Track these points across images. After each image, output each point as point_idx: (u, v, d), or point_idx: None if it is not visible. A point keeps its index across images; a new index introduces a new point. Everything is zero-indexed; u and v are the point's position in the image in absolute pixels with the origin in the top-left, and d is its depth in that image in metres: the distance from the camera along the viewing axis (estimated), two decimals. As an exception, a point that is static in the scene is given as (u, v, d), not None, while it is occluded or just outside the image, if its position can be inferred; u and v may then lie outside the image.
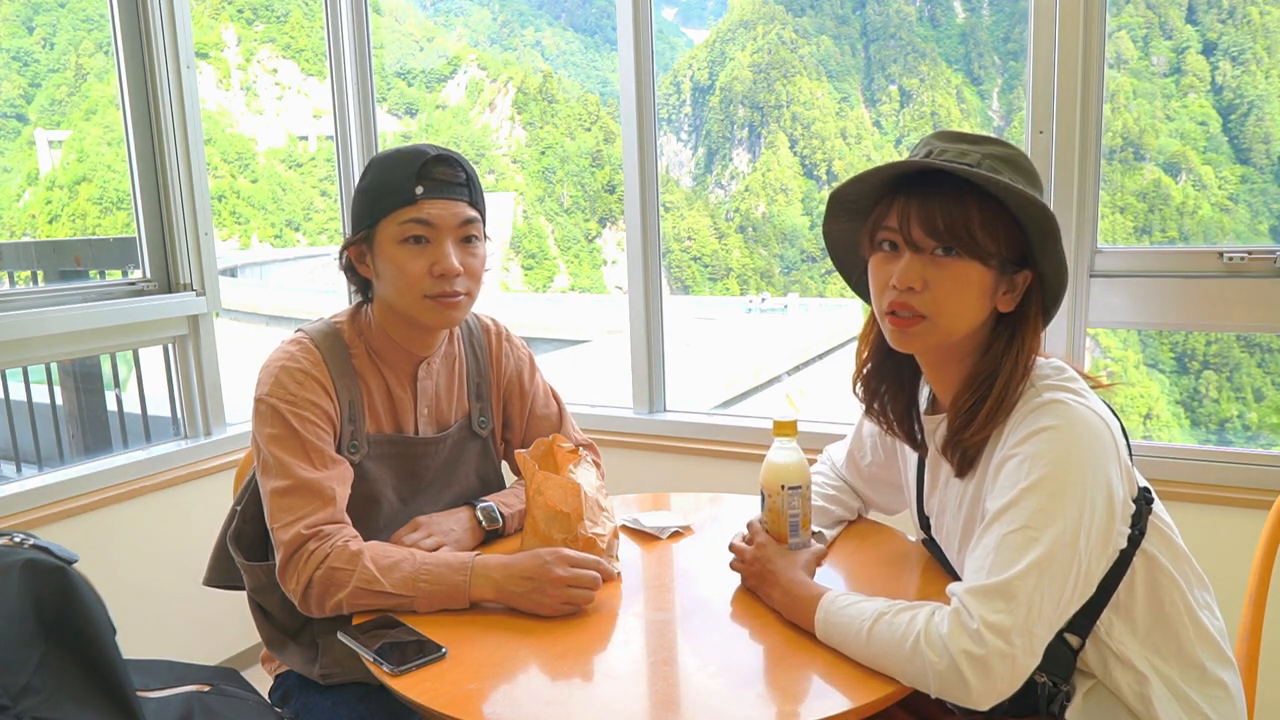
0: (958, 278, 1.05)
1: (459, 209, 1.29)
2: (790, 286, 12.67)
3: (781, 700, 0.97)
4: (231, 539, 1.37)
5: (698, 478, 2.38)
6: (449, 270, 1.27)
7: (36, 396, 3.10)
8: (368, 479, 1.34)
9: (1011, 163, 1.05)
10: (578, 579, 1.16)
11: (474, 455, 1.48)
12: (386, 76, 14.04)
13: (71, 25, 10.08)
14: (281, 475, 1.24)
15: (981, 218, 1.03)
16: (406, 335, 1.36)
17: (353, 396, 1.32)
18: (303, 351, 1.31)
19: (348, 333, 1.36)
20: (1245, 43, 7.73)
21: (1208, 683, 1.06)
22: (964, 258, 1.04)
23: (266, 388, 1.28)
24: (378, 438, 1.35)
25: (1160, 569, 1.05)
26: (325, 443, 1.27)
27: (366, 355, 1.36)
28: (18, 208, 10.30)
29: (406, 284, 1.28)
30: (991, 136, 1.08)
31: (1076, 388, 1.04)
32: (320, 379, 1.29)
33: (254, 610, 1.39)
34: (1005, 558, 0.95)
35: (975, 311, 1.07)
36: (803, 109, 12.40)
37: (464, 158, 1.33)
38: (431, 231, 1.27)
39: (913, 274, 1.06)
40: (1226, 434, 6.86)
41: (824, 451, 1.50)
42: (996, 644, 0.92)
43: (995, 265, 1.06)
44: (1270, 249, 1.78)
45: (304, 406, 1.26)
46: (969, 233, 1.03)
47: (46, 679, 0.93)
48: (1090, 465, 0.98)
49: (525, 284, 13.91)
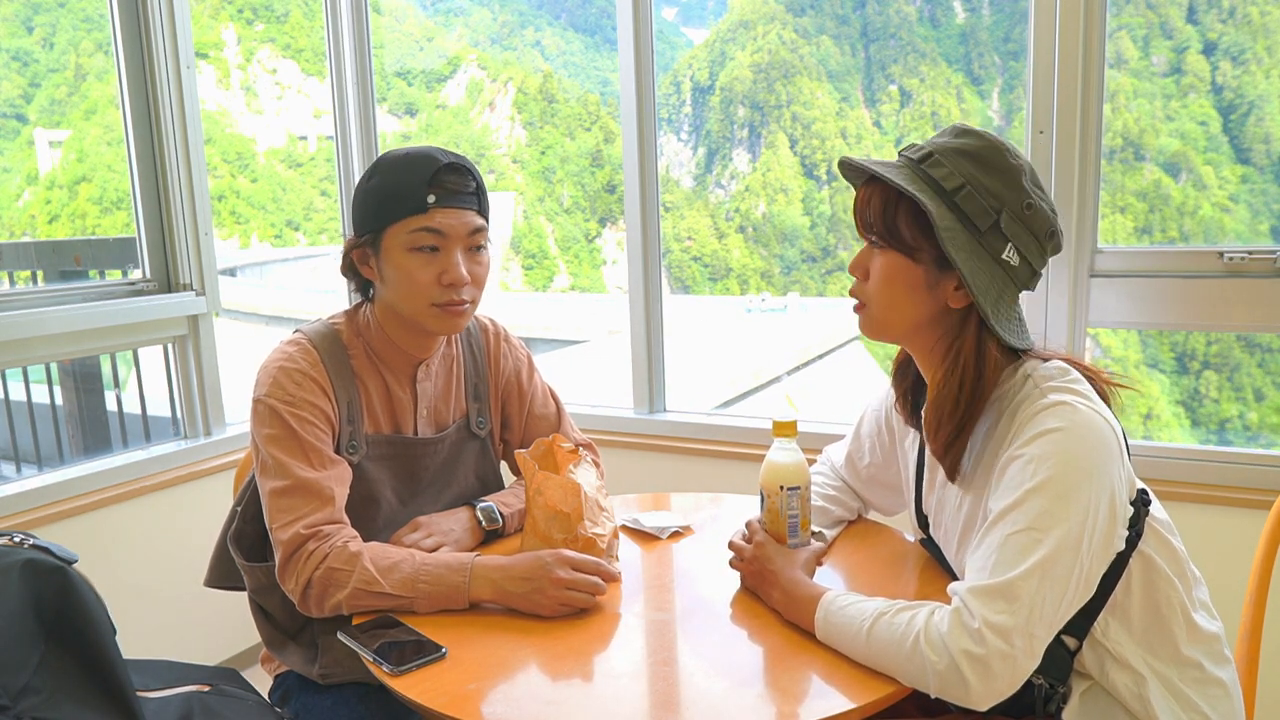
0: (885, 269, 1.09)
1: (469, 218, 1.29)
2: (790, 286, 12.67)
3: (781, 700, 0.97)
4: (232, 540, 1.37)
5: (698, 478, 2.38)
6: (458, 280, 1.28)
7: (36, 396, 3.10)
8: (366, 479, 1.34)
9: (971, 155, 1.04)
10: (577, 582, 1.16)
11: (472, 456, 1.48)
12: (386, 76, 14.04)
13: (71, 25, 10.08)
14: (280, 475, 1.24)
15: (911, 212, 1.05)
16: (407, 338, 1.36)
17: (351, 397, 1.32)
18: (300, 352, 1.31)
19: (346, 334, 1.36)
20: (1245, 43, 7.73)
21: (1206, 682, 1.06)
22: (891, 250, 1.08)
23: (265, 388, 1.28)
24: (376, 438, 1.35)
25: (1157, 570, 1.05)
26: (324, 443, 1.27)
27: (365, 356, 1.36)
28: (17, 208, 10.30)
29: (415, 291, 1.28)
30: (978, 130, 1.07)
31: (1081, 389, 1.04)
32: (318, 379, 1.29)
33: (254, 611, 1.39)
34: (1008, 558, 0.95)
35: (907, 305, 1.09)
36: (803, 109, 12.39)
37: (473, 164, 1.33)
38: (442, 240, 1.27)
39: (857, 262, 1.13)
40: (1227, 434, 6.86)
41: (823, 452, 1.50)
42: (997, 644, 0.92)
43: (925, 260, 1.06)
44: (1270, 249, 1.78)
45: (302, 407, 1.26)
46: (894, 225, 1.06)
47: (46, 679, 0.93)
48: (1095, 468, 0.98)
49: (525, 284, 13.90)
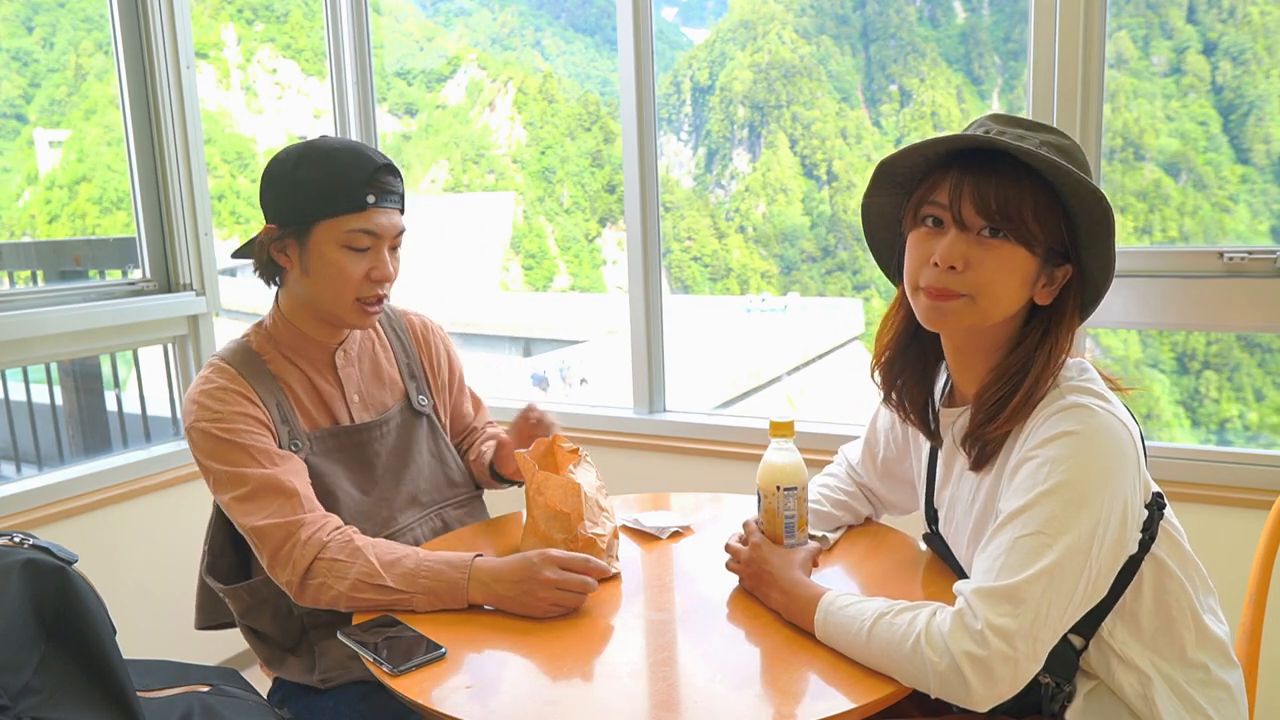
0: (1002, 261, 1.02)
1: (397, 219, 1.34)
2: (790, 286, 12.64)
3: (781, 700, 0.97)
4: (207, 573, 1.39)
5: (697, 478, 2.38)
6: (386, 277, 1.32)
7: (36, 396, 3.10)
8: (319, 475, 1.35)
9: (1067, 153, 1.02)
10: (566, 582, 1.16)
11: (423, 434, 1.49)
12: (386, 76, 14.01)
13: (71, 25, 10.06)
14: (237, 483, 1.25)
15: (1035, 203, 1.01)
16: (317, 328, 1.38)
17: (278, 399, 1.34)
18: (216, 372, 1.33)
19: (256, 342, 1.38)
20: (1245, 43, 7.72)
21: (1212, 684, 1.06)
22: (1011, 241, 1.02)
23: (191, 417, 1.30)
24: (317, 433, 1.36)
25: (1168, 573, 1.05)
26: (267, 443, 1.29)
27: (280, 357, 1.38)
28: (17, 208, 10.28)
29: (342, 287, 1.31)
30: (1048, 124, 1.05)
31: (1100, 390, 1.03)
32: (240, 390, 1.31)
33: (247, 635, 1.40)
34: (1016, 561, 0.94)
35: (1014, 298, 1.05)
36: (803, 109, 12.37)
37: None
38: (374, 241, 1.31)
39: (956, 252, 1.02)
40: (1227, 434, 6.85)
41: (839, 451, 1.48)
42: (1000, 647, 0.91)
43: (1040, 254, 1.03)
44: (1270, 249, 1.78)
45: (232, 420, 1.28)
46: (1020, 216, 1.01)
47: (46, 679, 0.93)
48: (1109, 475, 0.97)
49: (525, 284, 13.88)
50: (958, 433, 1.12)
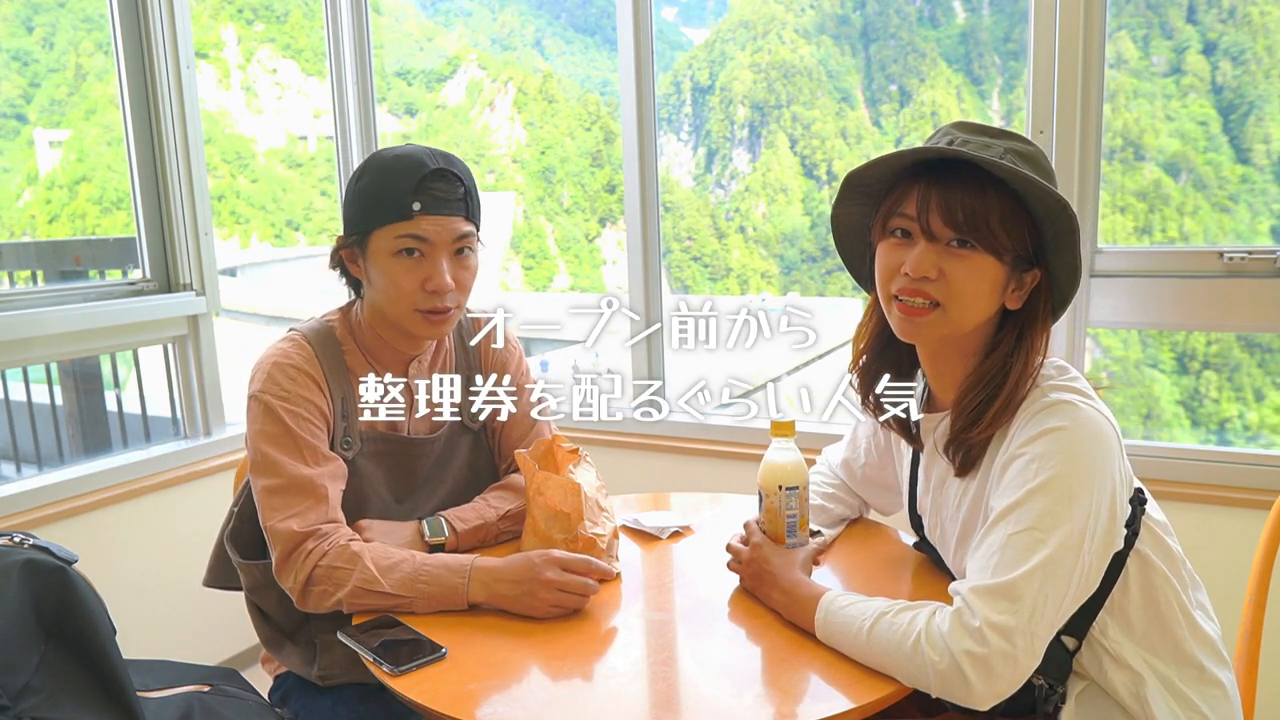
0: (972, 270, 1.04)
1: (455, 224, 1.29)
2: (790, 286, 12.64)
3: (781, 700, 0.97)
4: (228, 539, 1.37)
5: (698, 478, 2.38)
6: (442, 287, 1.28)
7: (36, 396, 3.10)
8: (360, 476, 1.34)
9: (1031, 160, 1.04)
10: (566, 583, 1.16)
11: (465, 448, 1.48)
12: (386, 76, 14.02)
13: (71, 25, 10.06)
14: (273, 473, 1.24)
15: (1001, 212, 1.02)
16: (396, 337, 1.37)
17: (345, 393, 1.33)
18: (295, 348, 1.31)
19: (340, 330, 1.37)
20: (1245, 43, 7.73)
21: (1205, 682, 1.06)
22: (979, 251, 1.03)
23: (259, 384, 1.28)
24: (371, 435, 1.35)
25: (1154, 569, 1.05)
26: (319, 439, 1.28)
27: (359, 352, 1.37)
28: (17, 208, 10.28)
29: (398, 296, 1.28)
30: (1011, 131, 1.06)
31: (1081, 388, 1.04)
32: (313, 375, 1.30)
33: (251, 610, 1.39)
34: (1011, 558, 0.95)
35: (985, 305, 1.06)
36: (803, 109, 12.36)
37: (463, 167, 1.31)
38: (426, 246, 1.27)
39: (927, 263, 1.04)
40: (1227, 434, 6.86)
41: (822, 453, 1.50)
42: (999, 644, 0.92)
43: (1009, 261, 1.05)
44: (1270, 249, 1.78)
45: (297, 403, 1.27)
46: (988, 226, 1.02)
47: (46, 679, 0.93)
48: (1097, 468, 0.98)
49: (525, 284, 13.89)
50: (939, 439, 1.13)
